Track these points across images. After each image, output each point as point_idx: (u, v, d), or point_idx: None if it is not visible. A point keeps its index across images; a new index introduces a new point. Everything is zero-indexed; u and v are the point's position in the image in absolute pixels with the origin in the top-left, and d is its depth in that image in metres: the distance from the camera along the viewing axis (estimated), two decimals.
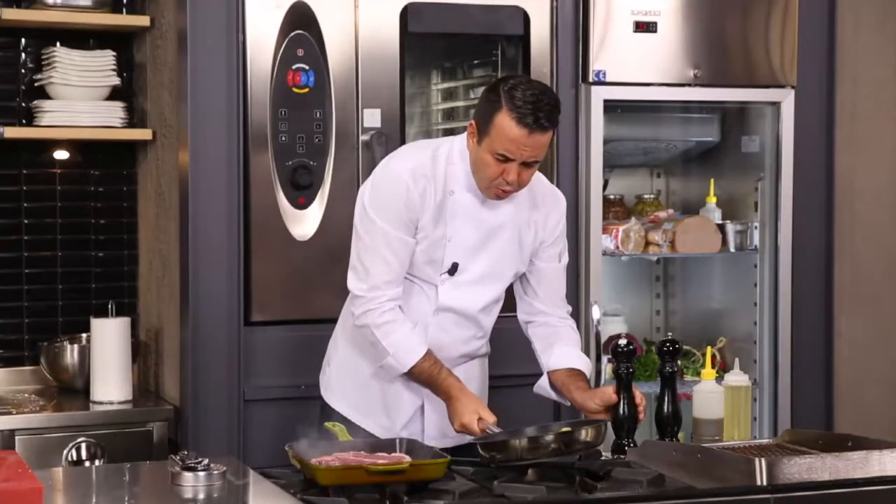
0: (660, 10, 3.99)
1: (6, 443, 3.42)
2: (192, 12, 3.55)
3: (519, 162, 2.87)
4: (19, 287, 4.02)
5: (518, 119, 2.83)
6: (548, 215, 3.10)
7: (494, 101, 2.87)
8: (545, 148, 2.90)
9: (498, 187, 2.92)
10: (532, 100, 2.83)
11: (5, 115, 3.94)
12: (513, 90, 2.85)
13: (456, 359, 3.07)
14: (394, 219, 2.94)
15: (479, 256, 3.02)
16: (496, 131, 2.85)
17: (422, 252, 2.98)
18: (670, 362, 3.14)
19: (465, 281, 3.02)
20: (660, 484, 2.64)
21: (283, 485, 2.55)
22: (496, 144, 2.86)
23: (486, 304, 3.07)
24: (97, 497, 2.54)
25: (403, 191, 2.93)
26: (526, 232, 3.07)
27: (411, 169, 2.96)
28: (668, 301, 4.51)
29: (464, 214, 2.99)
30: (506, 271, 3.07)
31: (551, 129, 2.87)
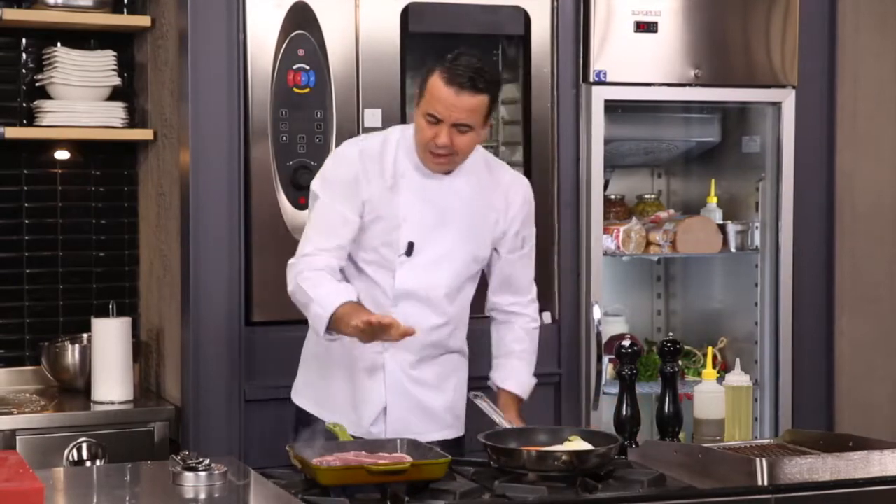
0: (660, 10, 3.98)
1: (7, 443, 3.42)
2: (193, 12, 3.55)
3: (449, 124, 2.91)
4: (20, 287, 4.02)
5: (447, 79, 2.91)
6: (510, 203, 3.12)
7: (432, 65, 2.97)
8: (476, 114, 2.93)
9: (431, 151, 2.95)
10: (464, 63, 2.92)
11: (6, 116, 3.94)
12: (451, 55, 2.96)
13: (428, 348, 3.06)
14: (336, 194, 3.00)
15: (436, 237, 3.03)
16: (428, 92, 2.94)
17: (378, 234, 3.01)
18: (671, 362, 3.14)
19: (422, 262, 3.02)
20: (661, 484, 2.64)
21: (284, 485, 2.55)
22: (427, 105, 2.94)
23: (447, 288, 3.06)
24: (98, 497, 2.54)
25: (347, 167, 3.01)
26: (486, 217, 3.08)
27: (359, 150, 3.04)
28: (668, 301, 4.51)
29: (418, 194, 3.02)
30: (464, 254, 3.07)
31: (482, 94, 2.91)
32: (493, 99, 2.97)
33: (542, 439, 2.81)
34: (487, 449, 2.71)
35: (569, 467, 2.62)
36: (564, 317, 3.90)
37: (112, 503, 2.48)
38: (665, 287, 4.52)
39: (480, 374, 3.27)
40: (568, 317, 3.90)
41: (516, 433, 2.86)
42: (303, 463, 2.59)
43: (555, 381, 3.88)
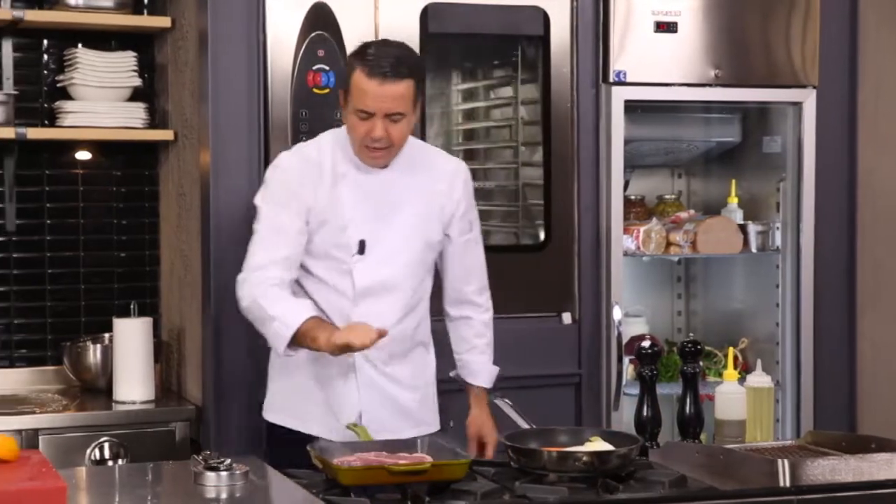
0: (680, 10, 3.97)
1: (30, 442, 3.44)
2: (213, 13, 3.56)
3: (381, 116, 2.92)
4: (42, 287, 4.04)
5: (369, 72, 2.91)
6: (452, 187, 3.13)
7: (350, 61, 2.98)
8: (405, 100, 2.94)
9: (367, 146, 2.96)
10: (380, 53, 2.93)
11: (28, 117, 3.96)
12: (364, 49, 2.97)
13: (397, 343, 3.05)
14: (280, 204, 3.02)
15: (386, 230, 3.04)
16: (353, 89, 2.94)
17: (327, 237, 3.02)
18: (692, 363, 3.13)
19: (377, 257, 3.03)
20: (682, 485, 2.64)
21: (305, 485, 2.55)
22: (356, 101, 2.94)
23: (406, 278, 3.06)
24: (120, 496, 2.54)
25: (288, 175, 3.02)
26: (431, 202, 3.09)
27: (297, 158, 3.06)
28: (689, 302, 4.50)
29: (360, 192, 3.03)
30: (417, 242, 3.08)
31: (406, 79, 2.92)
32: (419, 81, 2.98)
33: (563, 440, 2.81)
34: (508, 450, 2.71)
35: (589, 468, 2.62)
36: (584, 317, 3.90)
37: (134, 503, 2.48)
38: (685, 287, 4.51)
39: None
40: (588, 317, 3.90)
41: (537, 434, 2.85)
42: (324, 463, 2.59)
43: (575, 382, 3.88)
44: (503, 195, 4.13)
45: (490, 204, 4.19)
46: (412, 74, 2.95)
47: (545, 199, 3.90)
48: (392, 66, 2.91)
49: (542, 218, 3.92)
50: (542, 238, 3.92)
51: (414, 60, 3.00)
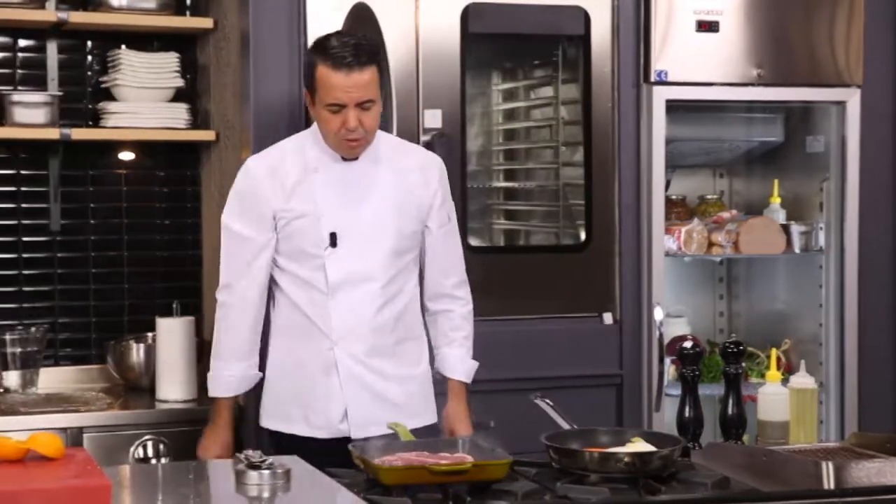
0: (722, 10, 3.95)
1: (75, 440, 3.47)
2: (255, 14, 3.58)
3: (352, 106, 2.95)
4: (86, 287, 4.07)
5: (332, 65, 2.94)
6: (427, 179, 3.15)
7: (311, 59, 3.00)
8: (372, 87, 2.97)
9: (344, 138, 2.99)
10: (339, 44, 2.96)
11: (72, 118, 3.99)
12: (322, 42, 3.00)
13: (378, 335, 3.06)
14: (244, 219, 3.08)
15: (359, 221, 3.05)
16: (320, 85, 2.97)
17: (302, 233, 3.04)
18: (734, 364, 3.11)
19: (350, 249, 3.04)
20: (725, 486, 2.62)
21: (347, 484, 2.56)
22: (325, 97, 2.96)
23: (382, 268, 3.06)
24: (163, 494, 2.56)
25: (252, 183, 3.08)
26: (406, 192, 3.10)
27: (258, 164, 3.11)
28: (731, 302, 4.48)
29: (333, 185, 3.05)
30: (391, 231, 3.07)
31: (368, 65, 2.96)
32: (381, 67, 3.02)
33: (604, 441, 2.80)
34: (549, 450, 2.70)
35: (631, 469, 2.61)
36: (626, 318, 3.88)
37: (177, 501, 2.49)
38: (727, 288, 4.49)
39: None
40: (629, 318, 3.89)
41: (578, 434, 2.84)
42: (365, 463, 2.59)
43: (616, 383, 3.87)
44: (543, 195, 4.12)
45: (530, 204, 4.18)
46: (374, 60, 2.99)
47: (586, 199, 3.89)
48: (354, 55, 2.95)
49: (582, 218, 3.91)
50: (582, 238, 3.91)
51: (373, 47, 3.04)
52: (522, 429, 3.05)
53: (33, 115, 3.82)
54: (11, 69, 4.00)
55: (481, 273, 3.74)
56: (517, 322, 3.80)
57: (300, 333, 3.11)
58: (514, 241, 4.23)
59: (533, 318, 3.82)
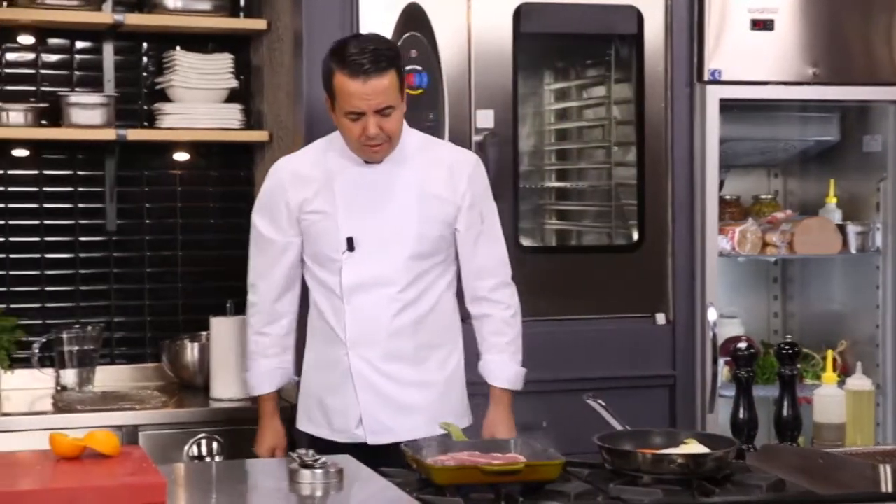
0: (777, 8, 3.92)
1: (131, 438, 3.50)
2: (308, 15, 3.60)
3: (372, 113, 2.91)
4: (142, 286, 4.11)
5: (350, 73, 2.90)
6: (456, 180, 3.07)
7: (329, 66, 2.96)
8: (392, 92, 2.92)
9: (366, 144, 2.96)
10: (356, 50, 2.91)
11: (128, 118, 4.04)
12: (339, 50, 2.94)
13: (395, 341, 3.03)
14: (266, 215, 3.12)
15: (375, 225, 3.01)
16: (338, 93, 2.93)
17: (321, 235, 3.03)
18: (789, 365, 3.08)
19: (367, 254, 3.01)
20: (780, 489, 2.59)
21: (399, 483, 2.56)
22: (344, 104, 2.93)
23: (399, 273, 3.01)
24: (217, 493, 2.58)
25: (276, 183, 3.08)
26: (431, 195, 3.03)
27: (283, 164, 3.12)
28: (786, 303, 4.44)
29: (349, 190, 3.02)
30: (412, 235, 3.02)
31: (388, 70, 2.91)
32: (399, 70, 2.96)
33: (657, 442, 2.78)
34: (602, 451, 2.69)
35: (685, 470, 2.59)
36: (679, 318, 3.86)
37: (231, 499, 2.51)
38: (782, 289, 4.45)
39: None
40: (682, 318, 3.86)
41: (631, 435, 2.83)
42: (417, 462, 2.60)
43: (669, 384, 3.85)
44: (596, 195, 4.11)
45: (583, 204, 4.17)
46: (392, 64, 2.93)
47: (639, 199, 3.87)
48: (372, 61, 2.90)
49: (635, 218, 3.89)
50: (635, 238, 3.89)
51: (391, 50, 2.98)
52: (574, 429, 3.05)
53: (90, 117, 3.86)
54: (69, 71, 4.05)
55: (533, 273, 3.73)
56: (569, 322, 3.79)
57: (323, 337, 3.11)
58: (567, 242, 4.22)
59: (585, 319, 3.81)
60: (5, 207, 4.01)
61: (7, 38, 4.00)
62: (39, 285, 4.04)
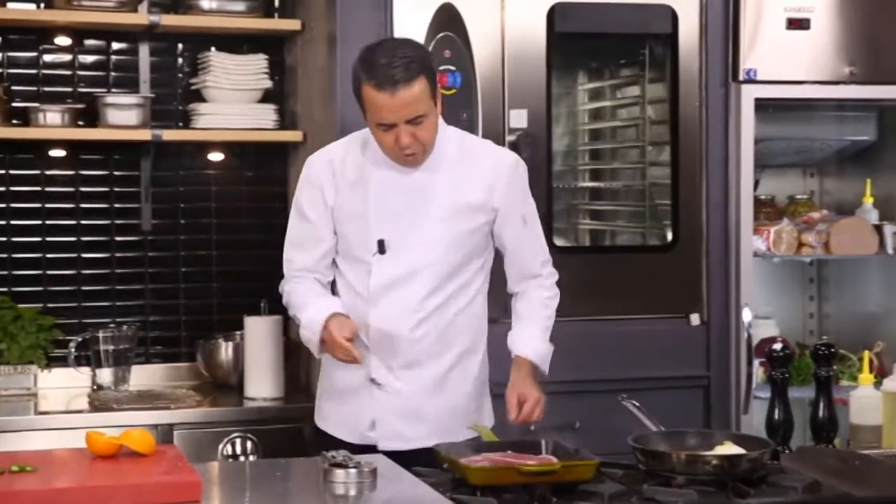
0: (813, 7, 3.90)
1: (166, 436, 3.52)
2: (342, 16, 3.61)
3: (403, 123, 2.83)
4: (176, 286, 4.14)
5: (377, 85, 2.80)
6: (496, 180, 2.99)
7: (357, 75, 2.87)
8: (423, 101, 2.82)
9: (401, 153, 2.88)
10: (384, 62, 2.80)
11: (163, 119, 4.06)
12: (366, 59, 2.84)
13: (417, 345, 2.96)
14: (300, 205, 3.04)
15: (407, 229, 2.94)
16: (368, 105, 2.85)
17: (350, 234, 2.98)
18: (825, 366, 3.06)
19: (399, 257, 2.94)
20: (816, 491, 2.58)
21: (432, 483, 2.56)
22: (374, 116, 2.85)
23: (427, 275, 2.94)
24: (251, 491, 2.58)
25: (312, 175, 3.02)
26: (468, 199, 2.96)
27: (320, 155, 3.06)
28: (821, 304, 4.41)
29: (388, 190, 2.95)
30: (442, 240, 2.95)
31: (416, 79, 2.80)
32: (430, 75, 2.85)
33: (692, 443, 2.77)
34: (636, 452, 2.68)
35: (719, 472, 2.58)
36: (713, 319, 3.85)
37: (265, 498, 2.52)
38: (818, 289, 4.42)
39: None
40: (717, 319, 3.85)
41: (665, 436, 2.82)
42: (451, 463, 2.60)
43: (703, 385, 3.83)
44: (630, 195, 4.10)
45: (616, 204, 4.16)
46: (422, 71, 2.82)
47: (673, 199, 3.86)
48: (400, 71, 2.79)
49: (669, 218, 3.88)
50: (669, 238, 3.88)
51: (419, 56, 2.86)
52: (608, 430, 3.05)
53: (126, 117, 3.89)
54: (105, 72, 4.08)
55: (567, 274, 3.70)
56: (603, 323, 3.78)
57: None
58: (600, 242, 4.21)
59: (619, 319, 3.80)
60: (42, 207, 4.05)
61: (45, 39, 4.03)
62: (76, 285, 4.07)
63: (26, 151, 4.02)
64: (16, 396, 3.81)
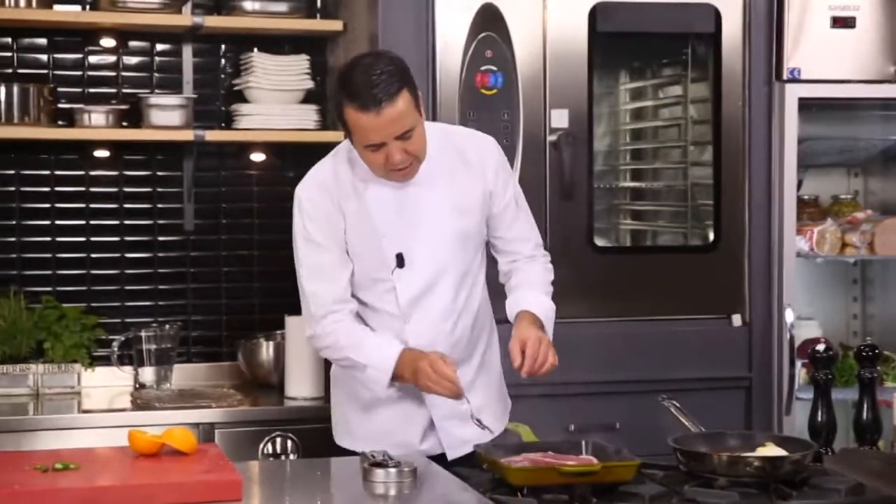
0: (859, 5, 3.86)
1: (207, 435, 3.54)
2: (384, 16, 3.61)
3: (392, 140, 2.71)
4: (218, 285, 4.16)
5: (360, 106, 2.68)
6: (484, 164, 2.91)
7: (338, 99, 2.73)
8: (408, 115, 2.71)
9: (393, 170, 2.77)
10: (362, 79, 2.68)
11: (206, 119, 4.09)
12: (344, 82, 2.72)
13: (457, 348, 2.90)
14: (312, 237, 2.86)
15: (419, 239, 2.86)
16: (353, 127, 2.73)
17: (363, 257, 2.87)
18: (869, 367, 3.03)
19: (419, 266, 2.86)
20: (859, 493, 2.55)
21: (473, 483, 2.56)
22: (361, 138, 2.73)
23: (453, 277, 2.88)
24: (292, 491, 2.60)
25: (312, 213, 2.86)
26: (465, 189, 2.89)
27: (309, 186, 2.89)
28: (865, 305, 4.37)
29: (387, 203, 2.85)
30: (453, 236, 2.88)
31: (398, 94, 2.68)
32: (410, 85, 2.73)
33: (733, 444, 2.75)
34: (677, 453, 2.67)
35: (761, 473, 2.56)
36: (755, 320, 3.82)
37: (305, 497, 2.53)
38: (862, 290, 4.38)
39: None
40: (759, 320, 3.82)
41: (706, 438, 2.80)
42: (491, 463, 2.60)
43: (745, 386, 3.81)
44: (671, 195, 4.08)
45: (658, 204, 4.14)
46: (403, 84, 2.71)
47: (715, 199, 3.84)
48: (381, 88, 2.67)
49: (711, 218, 3.86)
50: (711, 239, 3.86)
51: (397, 69, 2.72)
52: (649, 431, 3.04)
53: (169, 118, 3.91)
54: (149, 73, 4.12)
55: (607, 274, 3.72)
56: (644, 323, 3.76)
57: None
58: (641, 242, 4.20)
59: (660, 320, 3.78)
60: (86, 208, 4.09)
61: (90, 41, 4.07)
62: (119, 284, 4.10)
63: (71, 152, 4.06)
64: (60, 395, 3.85)
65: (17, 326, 3.86)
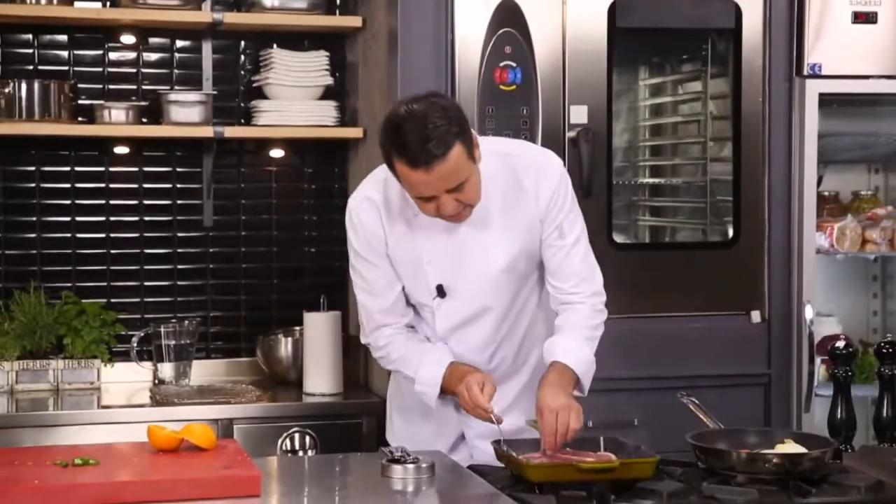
0: (880, 0, 3.84)
1: (226, 431, 3.55)
2: (403, 12, 3.61)
3: (444, 193, 2.60)
4: (237, 281, 4.17)
5: (411, 163, 2.55)
6: (538, 191, 2.78)
7: (385, 147, 2.61)
8: (461, 168, 2.58)
9: (447, 217, 2.67)
10: (414, 136, 2.53)
11: (226, 116, 4.10)
12: (393, 136, 2.57)
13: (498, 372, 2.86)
14: (358, 252, 2.83)
15: (464, 275, 2.79)
16: (403, 179, 2.62)
17: (410, 279, 2.82)
18: (889, 364, 3.02)
19: (458, 297, 2.81)
20: (879, 491, 2.54)
21: (490, 480, 2.56)
22: (412, 190, 2.63)
23: (492, 307, 2.82)
24: (310, 486, 2.60)
25: (357, 224, 2.82)
26: (517, 219, 2.78)
27: (360, 201, 2.82)
28: (886, 301, 4.35)
29: (433, 234, 2.76)
30: (501, 269, 2.80)
31: (450, 149, 2.55)
32: (464, 135, 2.59)
33: (752, 441, 2.74)
34: (695, 449, 2.67)
35: (780, 470, 2.55)
36: (774, 316, 3.81)
37: (323, 493, 2.54)
38: (882, 287, 4.36)
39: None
40: (778, 316, 3.81)
41: (725, 434, 2.79)
42: (510, 459, 2.60)
43: (764, 382, 3.80)
44: (691, 191, 4.07)
45: (677, 200, 4.13)
46: (456, 136, 2.57)
47: (734, 195, 3.83)
48: (434, 145, 2.53)
49: (730, 214, 3.85)
50: (730, 235, 3.85)
51: (450, 120, 2.57)
52: (668, 427, 3.03)
53: (188, 114, 3.93)
54: (168, 69, 4.13)
55: (627, 270, 3.70)
56: (663, 319, 3.76)
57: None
58: (660, 238, 4.19)
59: (679, 316, 3.78)
60: (106, 204, 4.10)
61: (110, 37, 4.09)
62: (138, 280, 4.12)
63: (91, 148, 4.07)
64: (79, 390, 3.87)
65: (37, 322, 3.88)
